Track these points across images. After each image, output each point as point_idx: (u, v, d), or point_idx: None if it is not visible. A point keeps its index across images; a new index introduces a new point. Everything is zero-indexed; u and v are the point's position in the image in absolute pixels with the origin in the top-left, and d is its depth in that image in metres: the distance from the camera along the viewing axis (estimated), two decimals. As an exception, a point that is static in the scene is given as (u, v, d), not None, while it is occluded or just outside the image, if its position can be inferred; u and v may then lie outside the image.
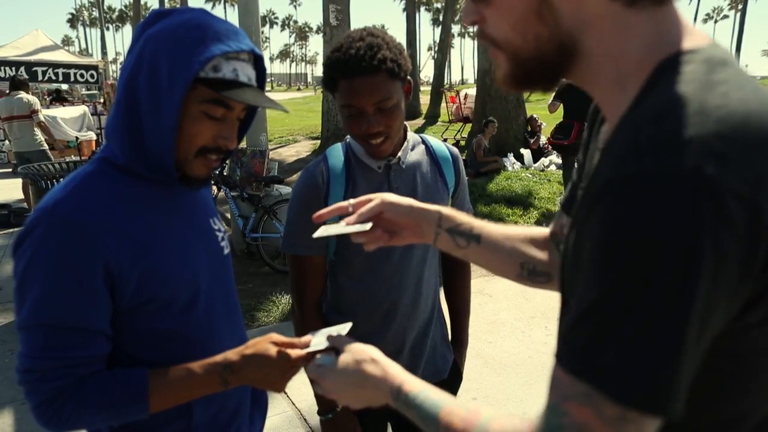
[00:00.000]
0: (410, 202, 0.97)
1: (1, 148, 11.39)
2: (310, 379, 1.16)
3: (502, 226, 1.00)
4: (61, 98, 13.97)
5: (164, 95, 0.93)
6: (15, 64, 10.93)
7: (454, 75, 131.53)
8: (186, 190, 1.10)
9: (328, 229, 0.97)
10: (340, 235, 0.96)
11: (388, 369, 0.82)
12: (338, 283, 1.46)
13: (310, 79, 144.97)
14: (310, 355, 0.96)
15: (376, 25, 1.42)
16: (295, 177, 8.07)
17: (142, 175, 1.01)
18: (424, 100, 20.61)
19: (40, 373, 0.92)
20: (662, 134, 0.51)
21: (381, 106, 1.24)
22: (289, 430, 2.81)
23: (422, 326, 1.47)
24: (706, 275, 0.49)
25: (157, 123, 0.95)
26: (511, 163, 9.34)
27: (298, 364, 0.99)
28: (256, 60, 1.03)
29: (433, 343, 1.51)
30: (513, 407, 2.96)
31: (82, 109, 11.21)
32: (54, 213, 0.92)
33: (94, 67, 12.20)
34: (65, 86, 15.68)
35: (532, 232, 0.99)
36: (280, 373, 0.98)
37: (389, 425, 1.63)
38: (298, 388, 2.83)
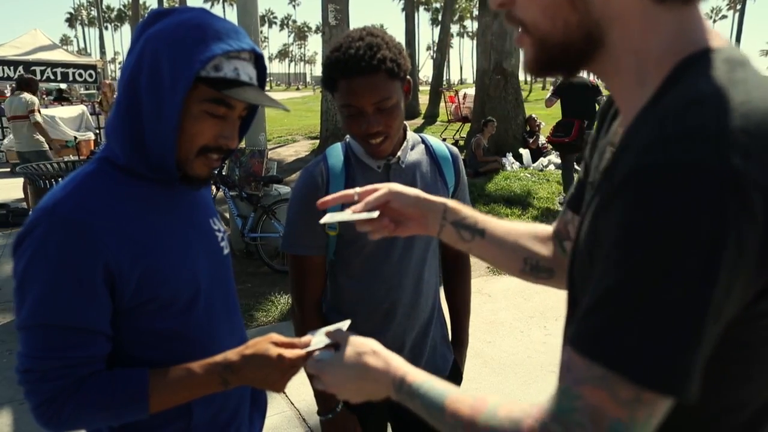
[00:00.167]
0: (417, 193, 0.98)
1: (-1, 148, 11.38)
2: (309, 375, 1.16)
3: (506, 222, 1.01)
4: (63, 98, 13.94)
5: (166, 95, 0.93)
6: (13, 64, 10.92)
7: (453, 75, 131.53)
8: (186, 190, 1.10)
9: (334, 216, 0.97)
10: (346, 223, 0.96)
11: (391, 360, 0.82)
12: (338, 283, 1.46)
13: (308, 79, 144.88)
14: (310, 355, 0.96)
15: (375, 25, 1.42)
16: (294, 177, 8.06)
17: (143, 175, 1.01)
18: (423, 100, 20.60)
19: (40, 373, 0.92)
20: (689, 126, 0.53)
21: (380, 105, 1.24)
22: (288, 430, 2.81)
23: (422, 326, 1.47)
24: (726, 263, 0.50)
25: (158, 123, 0.95)
26: (510, 162, 9.34)
27: (298, 364, 0.99)
28: (257, 59, 1.03)
29: (433, 343, 1.51)
30: (512, 407, 2.96)
31: (81, 109, 11.19)
32: (54, 213, 0.92)
33: (93, 67, 12.19)
34: (63, 86, 15.65)
35: (536, 229, 1.00)
36: (280, 373, 0.98)
37: (389, 425, 1.63)
38: (297, 388, 2.83)
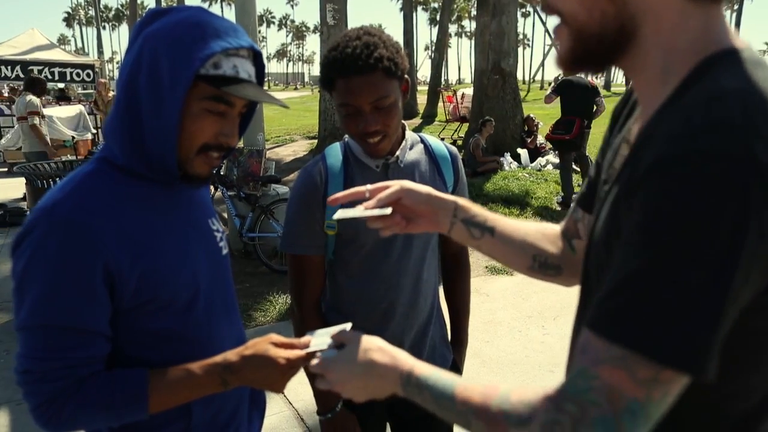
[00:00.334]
0: (428, 190, 0.99)
1: (-3, 148, 11.35)
2: (309, 375, 1.16)
3: (515, 220, 1.02)
4: (65, 97, 13.90)
5: (166, 94, 0.93)
6: (10, 63, 10.90)
7: (451, 74, 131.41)
8: (185, 190, 1.10)
9: (346, 212, 0.97)
10: (357, 219, 0.97)
11: (397, 355, 0.83)
12: (337, 283, 1.46)
13: (307, 79, 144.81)
14: (310, 356, 0.96)
15: (374, 25, 1.42)
16: (293, 176, 8.06)
17: (142, 175, 1.01)
18: (421, 100, 20.58)
19: (40, 373, 0.92)
20: (714, 118, 0.55)
21: (378, 104, 1.24)
22: (287, 430, 2.81)
23: (421, 326, 1.47)
24: (748, 249, 0.53)
25: (158, 122, 0.95)
26: (508, 162, 9.34)
27: (298, 365, 0.98)
28: (255, 56, 1.03)
29: (432, 342, 1.52)
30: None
31: (79, 109, 11.18)
32: (54, 213, 0.91)
33: (91, 66, 12.17)
34: (61, 85, 15.62)
35: (544, 227, 1.02)
36: (280, 374, 0.98)
37: (388, 425, 1.63)
38: (295, 389, 2.83)
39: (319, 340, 0.96)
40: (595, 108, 7.14)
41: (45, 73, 11.09)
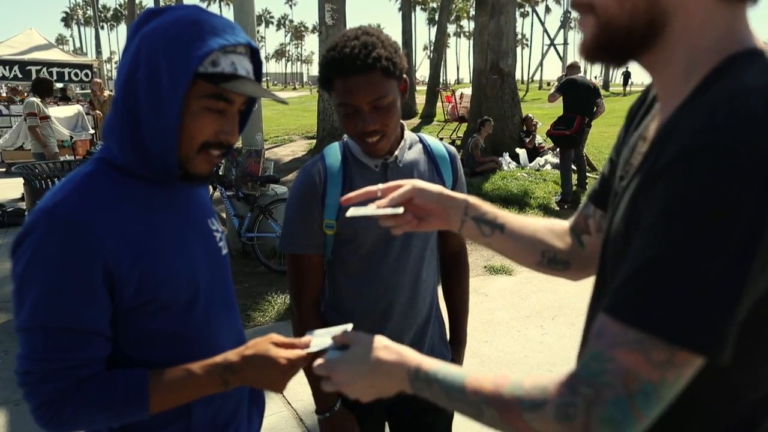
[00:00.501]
0: (440, 189, 1.01)
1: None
2: (308, 375, 1.15)
3: (523, 217, 1.05)
4: (66, 97, 13.86)
5: (165, 93, 0.93)
6: (9, 63, 10.89)
7: (450, 74, 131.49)
8: (185, 190, 1.10)
9: (359, 210, 0.99)
10: (369, 217, 0.99)
11: (403, 352, 0.84)
12: (336, 282, 1.46)
13: (305, 79, 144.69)
14: (311, 356, 0.96)
15: (372, 25, 1.42)
16: (291, 177, 8.06)
17: (141, 176, 1.01)
18: (420, 100, 20.58)
19: (40, 374, 0.92)
20: (738, 113, 0.57)
21: (376, 104, 1.24)
22: (286, 430, 2.81)
23: (420, 325, 1.48)
24: (766, 240, 0.55)
25: (158, 121, 0.95)
26: (507, 162, 9.35)
27: (298, 365, 0.99)
28: (253, 53, 1.03)
29: (431, 342, 1.52)
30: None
31: (77, 109, 11.15)
32: (54, 214, 0.91)
33: (89, 66, 12.16)
34: (60, 85, 15.58)
35: (552, 223, 1.04)
36: (280, 374, 0.98)
37: (387, 425, 1.63)
38: (295, 389, 2.82)
39: (319, 340, 0.96)
40: (595, 108, 7.26)
41: (43, 73, 11.08)
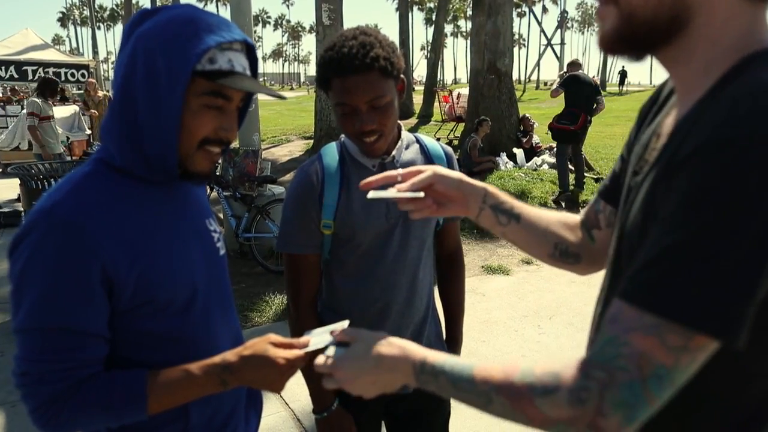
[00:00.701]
0: (460, 176, 1.02)
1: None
2: (305, 375, 1.15)
3: (538, 209, 1.06)
4: (65, 98, 13.82)
5: (164, 92, 0.93)
6: (4, 64, 10.86)
7: (447, 74, 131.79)
8: (182, 191, 1.10)
9: (379, 193, 1.00)
10: (390, 199, 1.01)
11: (406, 346, 0.84)
12: (333, 282, 1.46)
13: (303, 79, 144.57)
14: (309, 356, 0.96)
15: (370, 25, 1.43)
16: (289, 177, 8.06)
17: (139, 177, 1.01)
18: (417, 100, 20.61)
19: (38, 375, 0.92)
20: (759, 106, 0.58)
21: (374, 104, 1.24)
22: (284, 431, 2.81)
23: (417, 325, 1.48)
24: None
25: (157, 121, 0.95)
26: (504, 162, 9.36)
27: (297, 365, 0.99)
28: (248, 50, 1.03)
29: (428, 341, 1.52)
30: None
31: (74, 109, 11.13)
32: (52, 215, 0.91)
33: (85, 67, 12.14)
34: (59, 85, 15.52)
35: (565, 216, 1.06)
36: (279, 374, 0.98)
37: (383, 424, 1.63)
38: (292, 389, 2.82)
39: (317, 339, 0.96)
40: (595, 105, 7.35)
41: (39, 73, 11.05)
